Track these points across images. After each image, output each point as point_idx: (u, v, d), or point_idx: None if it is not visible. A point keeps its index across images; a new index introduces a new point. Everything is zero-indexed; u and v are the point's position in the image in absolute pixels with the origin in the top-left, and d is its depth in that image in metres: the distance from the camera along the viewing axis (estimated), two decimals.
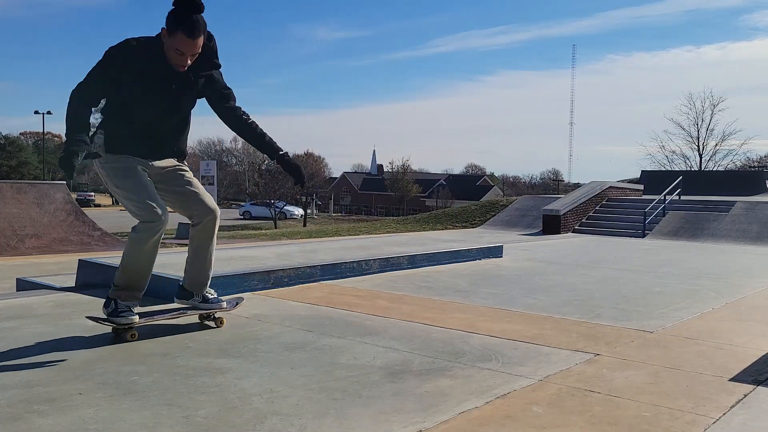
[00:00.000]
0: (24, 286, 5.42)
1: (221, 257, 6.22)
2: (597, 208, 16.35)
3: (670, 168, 42.84)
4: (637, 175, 28.00)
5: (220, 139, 78.22)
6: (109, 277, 3.50)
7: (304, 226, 35.85)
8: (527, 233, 14.41)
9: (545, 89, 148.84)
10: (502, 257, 8.26)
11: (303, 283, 5.58)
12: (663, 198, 15.22)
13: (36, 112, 65.00)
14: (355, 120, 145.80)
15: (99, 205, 65.67)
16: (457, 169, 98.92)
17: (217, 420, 2.39)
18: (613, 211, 16.09)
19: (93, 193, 70.66)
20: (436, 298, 5.19)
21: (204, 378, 2.89)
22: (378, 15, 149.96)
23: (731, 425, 2.48)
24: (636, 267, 7.89)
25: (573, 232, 14.85)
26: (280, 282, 5.41)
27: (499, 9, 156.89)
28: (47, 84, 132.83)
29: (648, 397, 2.78)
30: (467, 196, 60.06)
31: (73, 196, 16.85)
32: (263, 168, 45.33)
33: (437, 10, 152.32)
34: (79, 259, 5.58)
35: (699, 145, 44.34)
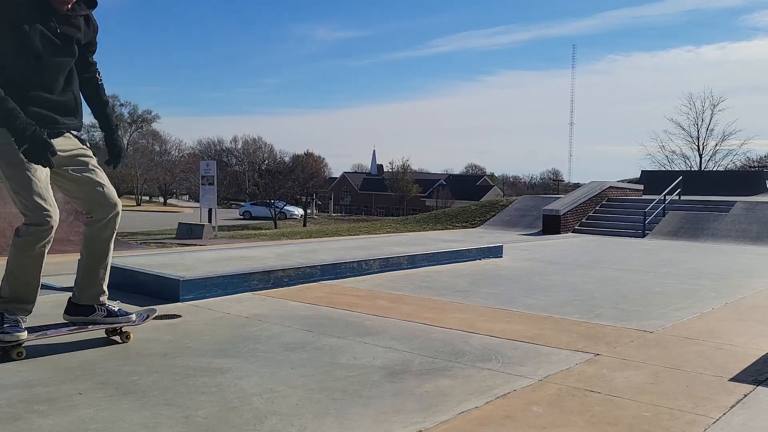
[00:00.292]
0: None
1: (221, 257, 6.22)
2: (597, 208, 16.35)
3: (670, 168, 42.80)
4: (637, 175, 27.98)
5: (220, 139, 78.22)
6: (109, 278, 3.47)
7: (304, 226, 35.83)
8: (527, 233, 14.41)
9: (545, 89, 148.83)
10: (502, 257, 8.26)
11: (303, 283, 5.59)
12: (663, 198, 15.23)
13: None
14: (355, 120, 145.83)
15: None
16: (457, 169, 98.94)
17: (217, 420, 2.39)
18: (613, 211, 16.09)
19: None
20: (436, 298, 5.19)
21: (204, 378, 2.89)
22: (378, 15, 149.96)
23: (731, 425, 2.48)
24: (636, 267, 7.89)
25: (573, 232, 14.85)
26: (280, 282, 5.41)
27: (499, 9, 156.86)
28: None
29: (648, 397, 2.78)
30: (467, 196, 60.00)
31: None
32: (263, 168, 45.30)
33: (437, 10, 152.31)
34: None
35: (699, 145, 44.31)
